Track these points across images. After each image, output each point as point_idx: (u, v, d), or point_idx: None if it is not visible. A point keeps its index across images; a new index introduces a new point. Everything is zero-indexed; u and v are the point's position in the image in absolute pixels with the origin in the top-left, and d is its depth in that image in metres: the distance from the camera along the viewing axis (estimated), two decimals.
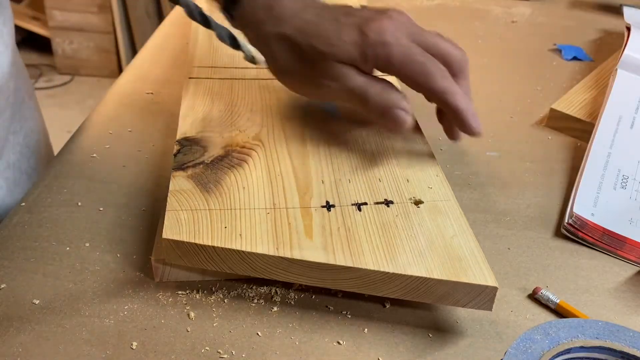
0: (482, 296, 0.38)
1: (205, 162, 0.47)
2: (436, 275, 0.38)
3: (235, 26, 0.53)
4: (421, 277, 0.38)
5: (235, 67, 0.63)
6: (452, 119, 0.48)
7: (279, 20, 0.49)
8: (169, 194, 0.43)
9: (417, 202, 0.45)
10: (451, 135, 0.52)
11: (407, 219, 0.43)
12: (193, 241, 0.39)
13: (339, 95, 0.49)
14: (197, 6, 0.54)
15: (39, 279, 0.42)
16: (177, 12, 0.93)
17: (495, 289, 0.38)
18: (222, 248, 0.39)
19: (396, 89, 0.48)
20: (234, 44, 0.55)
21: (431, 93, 0.47)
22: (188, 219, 0.41)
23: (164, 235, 0.39)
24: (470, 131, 0.48)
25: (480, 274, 0.39)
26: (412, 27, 0.48)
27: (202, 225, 0.40)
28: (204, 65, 0.63)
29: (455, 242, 0.41)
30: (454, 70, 0.49)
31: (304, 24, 0.48)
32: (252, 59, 0.55)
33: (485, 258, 0.40)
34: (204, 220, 0.41)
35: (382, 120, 0.48)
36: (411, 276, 0.38)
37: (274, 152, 0.49)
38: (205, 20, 0.54)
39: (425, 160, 0.50)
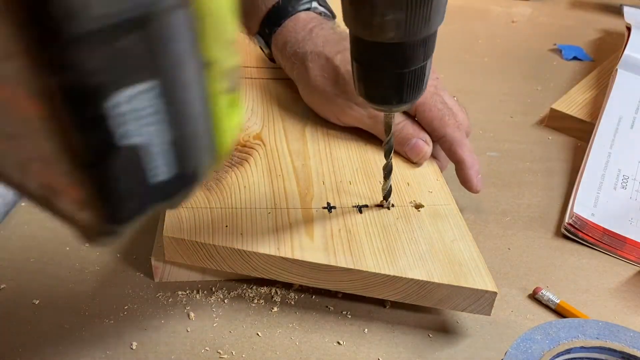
0: (481, 301, 0.38)
1: None
2: (437, 279, 0.38)
3: (269, 46, 0.56)
4: (422, 281, 0.38)
5: None
6: (456, 170, 0.50)
7: (319, 41, 0.52)
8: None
9: (418, 206, 0.45)
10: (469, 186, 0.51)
11: (407, 223, 0.43)
12: (194, 239, 0.39)
13: (363, 121, 0.51)
14: None
15: (39, 279, 0.42)
16: None
17: (494, 294, 0.38)
18: (223, 247, 0.39)
19: (418, 124, 0.51)
20: None
21: (442, 140, 0.50)
22: (189, 217, 0.41)
23: (165, 233, 0.39)
24: (469, 186, 0.49)
25: (480, 279, 0.39)
26: (436, 81, 0.52)
27: (203, 224, 0.40)
28: None
29: (456, 246, 0.41)
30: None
31: (344, 49, 0.51)
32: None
33: (485, 263, 0.40)
34: (205, 219, 0.41)
35: (402, 148, 0.50)
36: (412, 279, 0.38)
37: (274, 152, 0.49)
38: None
39: (425, 164, 0.50)
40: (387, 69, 0.34)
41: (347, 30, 0.35)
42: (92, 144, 0.17)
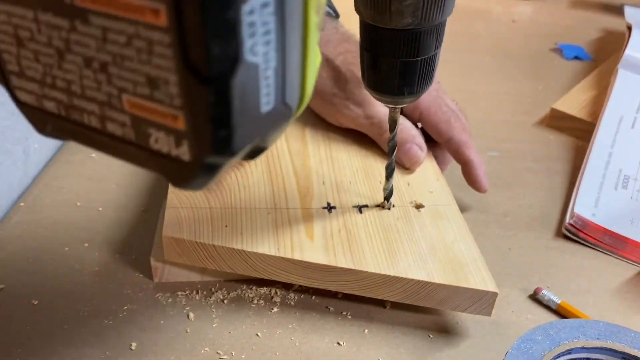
0: (482, 301, 0.38)
1: None
2: (437, 279, 0.38)
3: None
4: (422, 281, 0.38)
5: None
6: (464, 171, 0.50)
7: (322, 41, 0.51)
8: (169, 192, 0.43)
9: (418, 206, 0.45)
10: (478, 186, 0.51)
11: (408, 223, 0.43)
12: (193, 239, 0.39)
13: (359, 122, 0.50)
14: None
15: (38, 279, 0.42)
16: None
17: (495, 294, 0.38)
18: (222, 247, 0.39)
19: (414, 127, 0.50)
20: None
21: (449, 142, 0.50)
22: (188, 217, 0.41)
23: (164, 233, 0.39)
24: (478, 186, 0.50)
25: (480, 280, 0.38)
26: (438, 84, 0.51)
27: (203, 224, 0.40)
28: None
29: (456, 247, 0.41)
30: None
31: (346, 52, 0.51)
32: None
33: (485, 264, 0.40)
34: (205, 219, 0.41)
35: (397, 152, 0.48)
36: (412, 280, 0.38)
37: (274, 152, 0.49)
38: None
39: (425, 164, 0.50)
40: (401, 57, 0.34)
41: (350, 31, 0.35)
42: (219, 54, 0.15)
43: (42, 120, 0.21)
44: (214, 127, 0.17)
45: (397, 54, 0.34)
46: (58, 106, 0.20)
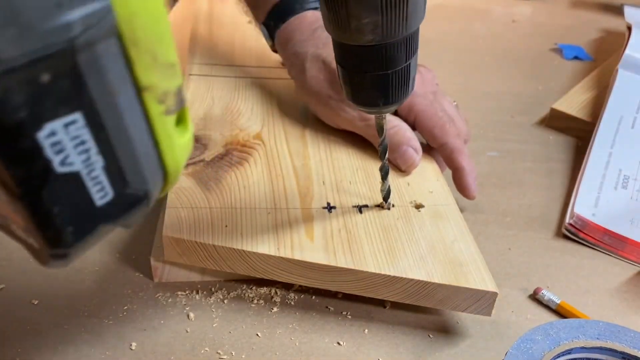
0: (481, 301, 0.38)
1: (206, 160, 0.47)
2: (437, 279, 0.38)
3: (273, 39, 0.56)
4: (422, 281, 0.38)
5: (237, 66, 0.63)
6: (454, 177, 0.50)
7: (320, 43, 0.52)
8: (169, 192, 0.43)
9: (418, 206, 0.45)
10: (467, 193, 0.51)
11: (407, 223, 0.43)
12: (193, 239, 0.39)
13: (355, 124, 0.50)
14: None
15: (39, 279, 0.42)
16: (177, 9, 0.93)
17: (495, 294, 0.38)
18: (222, 247, 0.39)
19: (410, 129, 0.50)
20: None
21: (443, 147, 0.50)
22: (188, 217, 0.41)
23: (164, 233, 0.39)
24: (467, 192, 0.49)
25: (480, 280, 0.38)
26: (435, 87, 0.52)
27: (203, 224, 0.40)
28: (204, 62, 0.63)
29: (456, 246, 0.41)
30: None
31: None
32: None
33: (485, 264, 0.40)
34: (205, 219, 0.41)
35: (392, 154, 0.49)
36: (412, 280, 0.38)
37: (274, 152, 0.49)
38: None
39: (425, 164, 0.50)
40: (371, 71, 0.34)
41: None
42: (21, 176, 0.17)
43: None
44: (41, 229, 0.19)
45: (366, 68, 0.34)
46: None
